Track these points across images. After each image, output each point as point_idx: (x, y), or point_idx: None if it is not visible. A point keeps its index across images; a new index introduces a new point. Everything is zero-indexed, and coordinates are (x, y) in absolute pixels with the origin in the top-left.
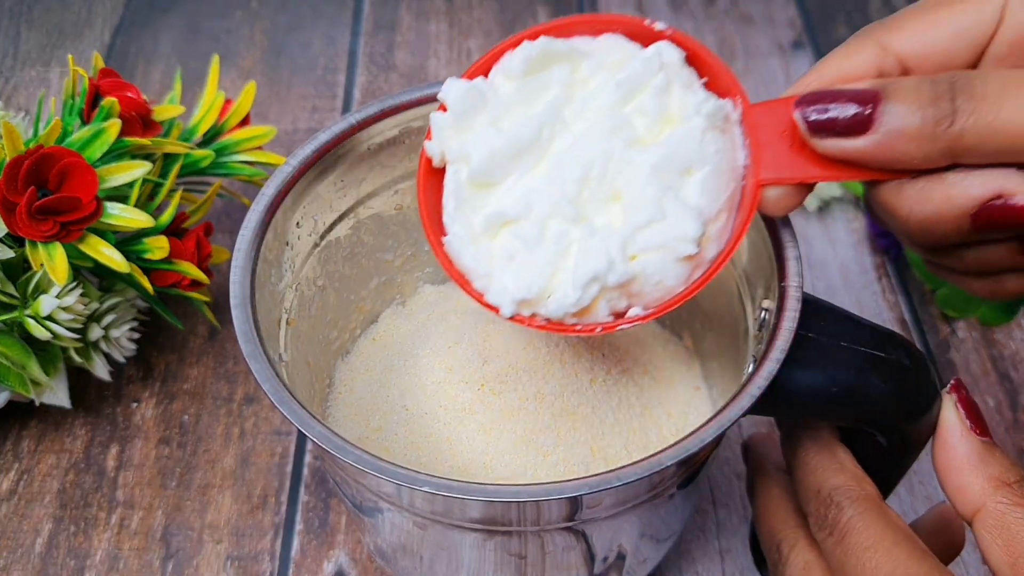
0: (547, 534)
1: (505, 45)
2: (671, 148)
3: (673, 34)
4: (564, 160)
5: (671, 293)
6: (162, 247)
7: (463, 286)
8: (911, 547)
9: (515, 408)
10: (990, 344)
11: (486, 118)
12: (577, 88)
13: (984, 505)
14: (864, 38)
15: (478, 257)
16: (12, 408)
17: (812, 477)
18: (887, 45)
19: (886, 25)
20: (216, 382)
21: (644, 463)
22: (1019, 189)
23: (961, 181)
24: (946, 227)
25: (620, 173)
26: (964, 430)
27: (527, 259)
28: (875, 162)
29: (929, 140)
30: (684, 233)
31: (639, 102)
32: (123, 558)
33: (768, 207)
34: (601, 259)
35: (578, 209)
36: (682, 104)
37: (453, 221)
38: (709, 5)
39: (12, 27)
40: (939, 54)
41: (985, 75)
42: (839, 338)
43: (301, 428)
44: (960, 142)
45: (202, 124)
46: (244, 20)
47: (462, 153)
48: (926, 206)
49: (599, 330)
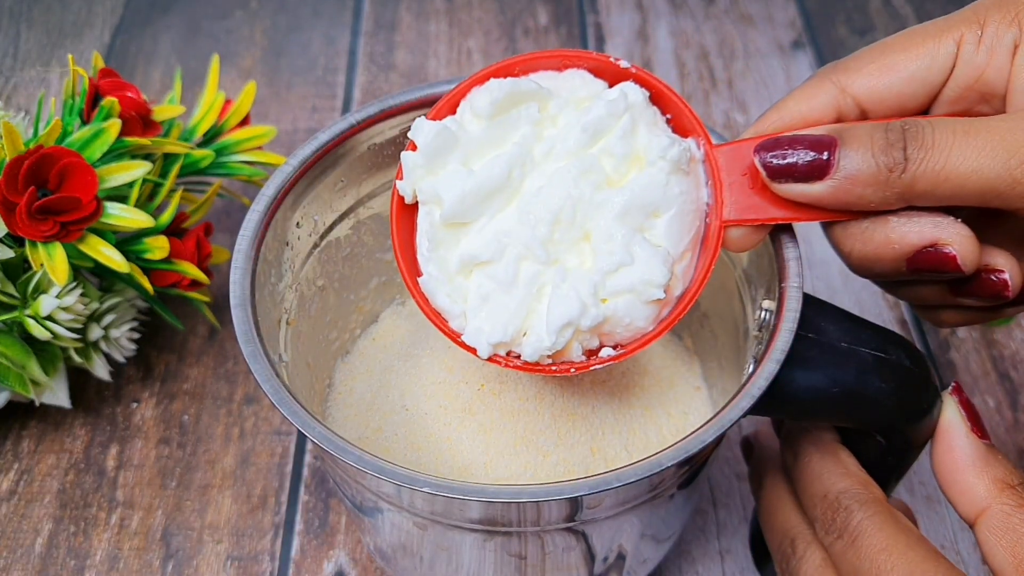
0: (547, 534)
1: (473, 80)
2: (638, 192)
3: (637, 72)
4: (535, 202)
5: (640, 332)
6: (162, 247)
7: (439, 326)
8: (925, 549)
9: (515, 408)
10: (990, 344)
11: (457, 158)
12: (545, 125)
13: (989, 507)
14: (823, 79)
15: (453, 297)
16: (12, 408)
17: (818, 482)
18: (846, 87)
19: (846, 66)
20: (216, 382)
21: (644, 463)
22: (952, 240)
23: (902, 227)
24: (884, 266)
25: (589, 217)
26: (967, 432)
27: (502, 300)
28: (833, 205)
29: (884, 186)
30: (652, 278)
31: (606, 143)
32: (123, 558)
33: (731, 245)
34: (574, 305)
35: (550, 251)
36: (648, 145)
37: (428, 262)
38: (709, 5)
39: (12, 27)
40: (895, 98)
41: (934, 124)
42: (840, 339)
43: (301, 429)
44: (912, 188)
45: (202, 124)
46: (244, 20)
47: (434, 195)
48: (868, 246)
49: (573, 370)
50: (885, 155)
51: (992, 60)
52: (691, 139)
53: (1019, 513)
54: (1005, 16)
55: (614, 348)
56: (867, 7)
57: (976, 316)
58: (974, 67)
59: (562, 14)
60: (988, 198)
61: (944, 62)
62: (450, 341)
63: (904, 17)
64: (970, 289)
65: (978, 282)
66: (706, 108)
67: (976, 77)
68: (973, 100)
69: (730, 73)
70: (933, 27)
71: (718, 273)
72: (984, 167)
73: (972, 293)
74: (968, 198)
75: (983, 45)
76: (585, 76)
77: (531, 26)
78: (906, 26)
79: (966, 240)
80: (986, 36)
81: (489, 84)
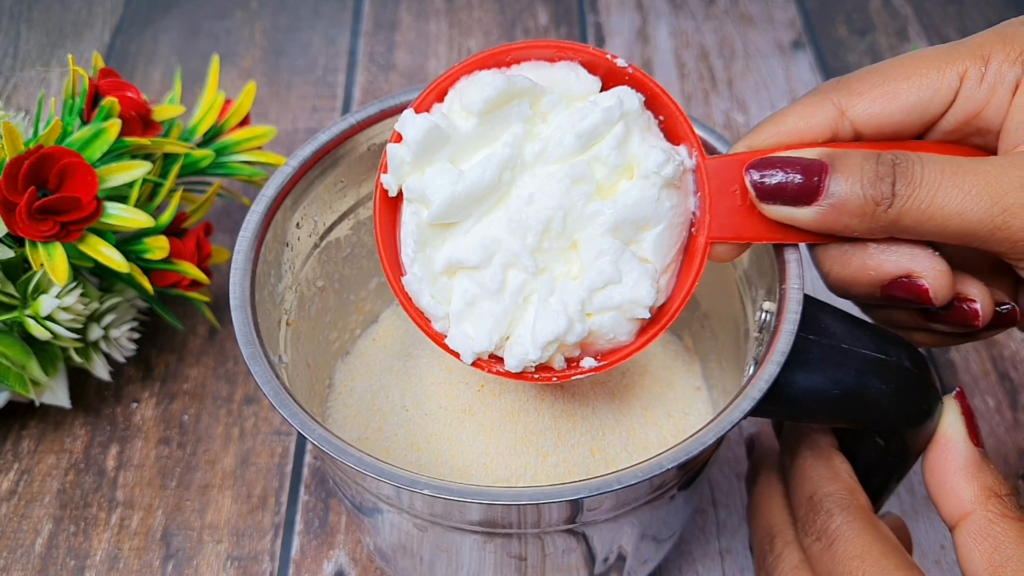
0: (547, 536)
1: (463, 67)
2: (630, 206)
3: (634, 72)
4: (526, 211)
5: (621, 345)
6: (162, 247)
7: (422, 327)
8: (899, 559)
9: (515, 409)
10: (990, 344)
11: (446, 155)
12: (536, 123)
13: (973, 512)
14: (824, 99)
15: (437, 298)
16: (12, 408)
17: (807, 483)
18: (845, 110)
19: (848, 87)
20: (216, 382)
21: (645, 465)
22: (926, 273)
23: (879, 254)
24: (860, 289)
25: (579, 227)
26: (965, 437)
27: (487, 307)
28: (818, 230)
29: (869, 218)
30: (639, 298)
31: (599, 150)
32: (123, 558)
33: (712, 257)
34: (561, 321)
35: (538, 260)
36: (642, 157)
37: (413, 262)
38: (709, 5)
39: (12, 27)
40: (892, 125)
41: (924, 161)
42: (840, 340)
43: (301, 431)
44: (897, 224)
45: (202, 124)
46: (244, 20)
47: (421, 195)
48: (845, 269)
49: (555, 379)
50: (873, 188)
51: (993, 98)
52: (683, 147)
53: (1002, 522)
54: (1010, 53)
55: (595, 358)
56: (867, 7)
57: (948, 340)
58: (975, 103)
59: (562, 14)
60: (969, 240)
61: (946, 95)
62: None
63: (904, 17)
64: (942, 317)
65: (950, 311)
66: (706, 108)
67: (975, 112)
68: (968, 132)
69: (730, 73)
70: (937, 57)
71: (718, 274)
72: (967, 211)
73: (944, 320)
74: (950, 238)
75: (985, 82)
76: (579, 71)
77: (531, 26)
78: (906, 26)
79: (940, 275)
80: (989, 72)
81: (481, 79)
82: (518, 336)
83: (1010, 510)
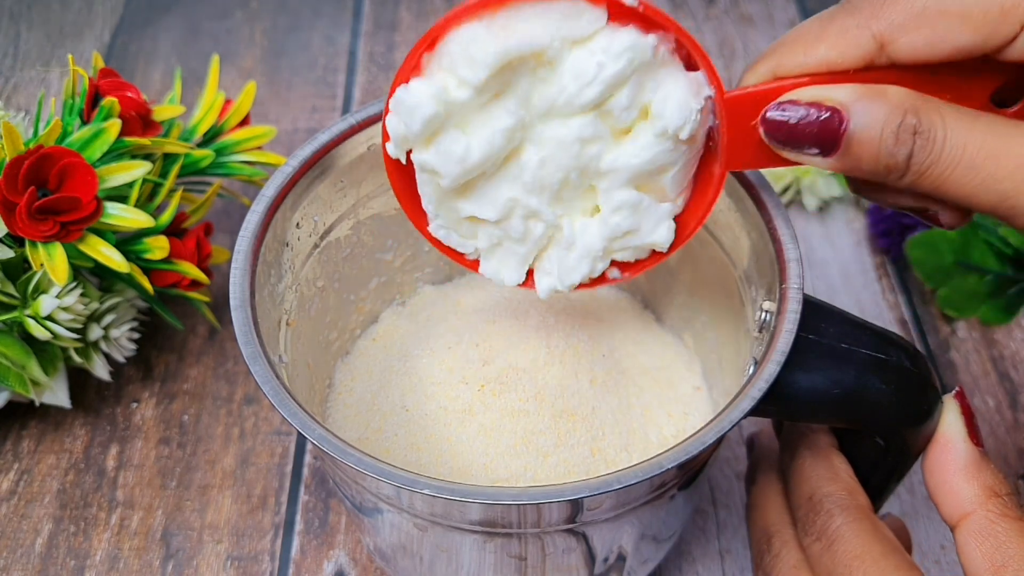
0: (547, 536)
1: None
2: (647, 160)
3: (645, 10)
4: (539, 173)
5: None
6: (162, 247)
7: (457, 259)
8: (899, 559)
9: (515, 409)
10: (990, 344)
11: (451, 125)
12: (541, 74)
13: (974, 512)
14: (863, 28)
15: (464, 243)
16: (12, 408)
17: (806, 483)
18: (885, 43)
19: (888, 16)
20: (216, 382)
21: (645, 465)
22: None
23: None
24: None
25: (597, 179)
26: (965, 437)
27: (512, 247)
28: (833, 171)
29: (883, 178)
30: (658, 242)
31: (611, 106)
32: (123, 558)
33: None
34: (584, 266)
35: (555, 210)
36: (658, 109)
37: (436, 215)
38: (709, 5)
39: (12, 27)
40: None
41: (948, 128)
42: (840, 340)
43: (301, 430)
44: (913, 188)
45: (202, 124)
46: (244, 20)
47: (432, 169)
48: None
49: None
50: (890, 157)
51: None
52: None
53: (1002, 521)
54: None
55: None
56: None
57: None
58: None
59: None
60: (983, 211)
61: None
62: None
63: None
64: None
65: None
66: None
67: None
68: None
69: (730, 73)
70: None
71: (718, 273)
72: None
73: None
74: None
75: None
76: (580, 4)
77: None
78: None
79: None
80: None
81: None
82: (544, 268)
83: (1010, 509)
